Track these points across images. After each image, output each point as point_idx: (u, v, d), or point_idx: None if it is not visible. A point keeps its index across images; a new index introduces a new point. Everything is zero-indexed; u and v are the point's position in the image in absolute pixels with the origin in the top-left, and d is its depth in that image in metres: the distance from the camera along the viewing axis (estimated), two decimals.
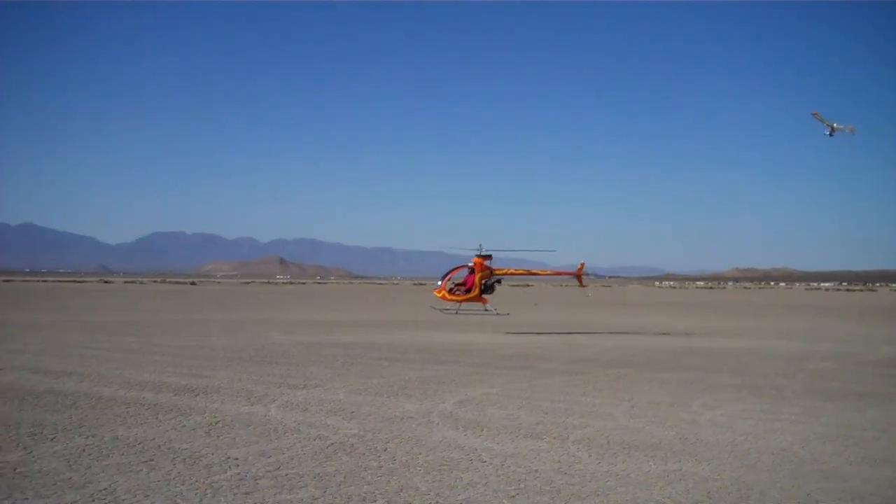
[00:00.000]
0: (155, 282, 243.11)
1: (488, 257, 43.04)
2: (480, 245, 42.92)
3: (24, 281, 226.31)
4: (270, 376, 22.79)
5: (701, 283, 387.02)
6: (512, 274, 47.25)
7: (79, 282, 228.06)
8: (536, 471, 12.30)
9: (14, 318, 51.67)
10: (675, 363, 28.37)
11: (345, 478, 11.67)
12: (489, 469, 12.35)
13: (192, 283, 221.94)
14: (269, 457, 12.85)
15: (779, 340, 40.69)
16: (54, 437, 14.06)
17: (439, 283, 43.99)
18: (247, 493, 10.82)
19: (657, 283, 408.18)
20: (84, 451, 13.08)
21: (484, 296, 42.92)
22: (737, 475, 12.31)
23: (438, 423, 15.97)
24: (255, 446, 13.60)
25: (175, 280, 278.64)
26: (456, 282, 43.15)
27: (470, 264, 42.85)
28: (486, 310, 43.81)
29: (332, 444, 13.90)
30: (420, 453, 13.29)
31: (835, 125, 56.44)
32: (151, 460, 12.51)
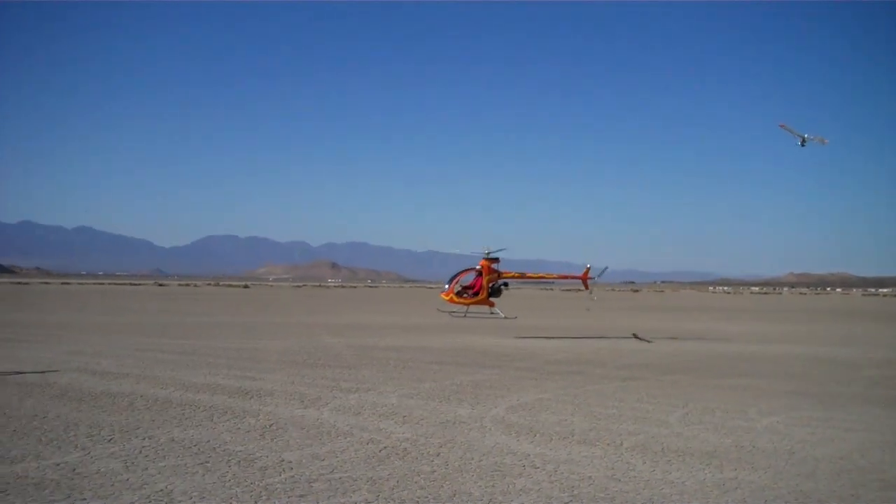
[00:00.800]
0: (208, 285, 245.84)
1: (496, 260, 42.91)
2: (489, 248, 42.88)
3: (80, 284, 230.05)
4: (323, 379, 22.91)
5: (756, 288, 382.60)
6: (519, 277, 46.87)
7: (134, 285, 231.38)
8: (590, 477, 12.21)
9: (71, 320, 52.56)
10: (731, 369, 28.04)
11: (398, 482, 11.68)
12: (542, 475, 12.28)
13: (245, 287, 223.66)
14: (323, 460, 12.91)
15: (834, 347, 40.06)
16: (111, 439, 14.25)
17: (447, 286, 43.81)
18: (301, 496, 10.86)
19: (711, 288, 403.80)
20: (141, 452, 13.24)
21: (491, 299, 42.76)
22: (795, 484, 12.12)
23: (491, 428, 15.93)
24: (309, 449, 13.67)
25: (228, 283, 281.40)
26: (463, 285, 43.00)
27: (478, 267, 42.72)
28: (492, 313, 43.64)
29: (385, 448, 13.92)
30: (473, 458, 13.25)
31: (805, 136, 56.25)
32: (207, 462, 12.63)
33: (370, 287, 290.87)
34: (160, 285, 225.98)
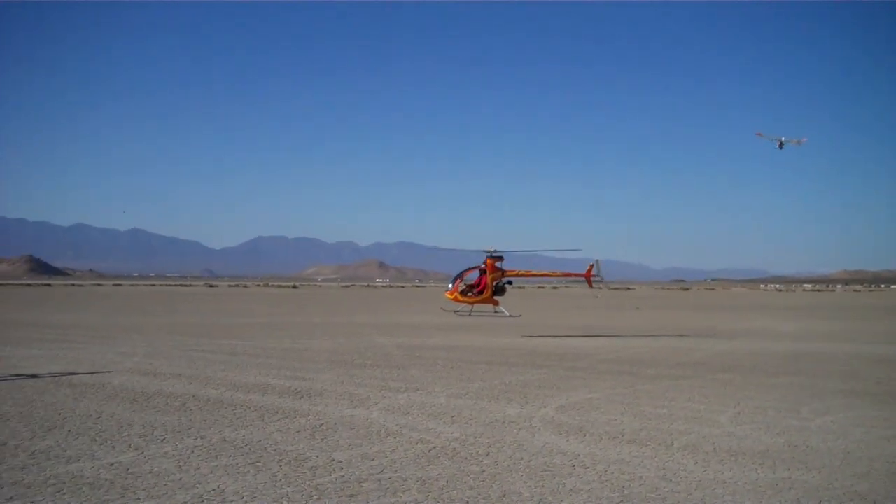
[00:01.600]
0: (258, 285, 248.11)
1: (500, 258, 42.78)
2: (493, 247, 42.79)
3: (132, 285, 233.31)
4: (372, 379, 23.00)
5: (808, 286, 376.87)
6: (523, 275, 47.38)
7: (185, 286, 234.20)
8: (641, 477, 12.11)
9: (124, 321, 53.32)
10: (783, 368, 27.67)
11: (447, 482, 11.67)
12: (592, 475, 12.21)
13: (294, 287, 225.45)
14: (373, 460, 12.95)
15: (891, 345, 39.40)
16: (164, 439, 14.42)
17: (450, 285, 43.75)
18: (351, 496, 10.91)
19: (762, 285, 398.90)
20: (193, 452, 13.38)
21: (495, 297, 42.64)
22: (849, 484, 11.92)
23: (540, 428, 15.87)
24: (359, 449, 13.72)
25: (277, 284, 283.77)
26: (468, 283, 42.91)
27: (482, 265, 42.58)
28: (496, 311, 43.56)
29: (434, 447, 13.93)
30: (522, 458, 13.21)
31: (783, 139, 57.65)
32: (258, 462, 12.73)
33: (418, 287, 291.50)
34: (211, 286, 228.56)
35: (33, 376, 22.65)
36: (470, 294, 42.28)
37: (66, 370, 24.14)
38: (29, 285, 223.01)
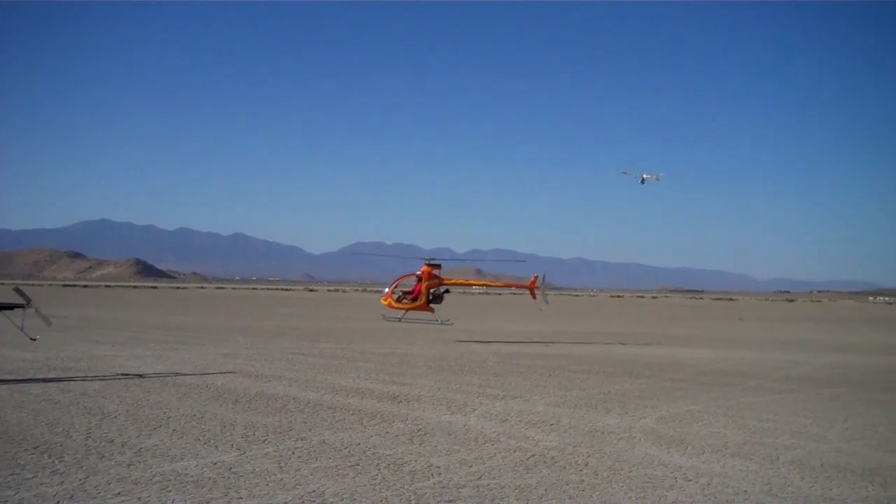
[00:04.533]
0: (356, 290, 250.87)
1: (437, 266, 42.40)
2: (431, 257, 42.94)
3: (234, 288, 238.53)
4: (470, 386, 22.98)
5: None
6: (462, 284, 47.89)
7: (285, 290, 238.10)
8: (745, 492, 11.81)
9: (226, 323, 54.47)
10: (895, 384, 26.73)
11: (546, 491, 11.56)
12: (695, 488, 11.95)
13: None
14: (471, 466, 12.91)
15: None
16: (266, 440, 14.63)
17: (386, 290, 43.59)
18: (450, 502, 10.89)
19: (871, 298, 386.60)
20: (293, 453, 13.54)
21: (431, 305, 42.12)
22: None
23: (640, 439, 15.63)
24: (457, 455, 13.70)
25: (375, 289, 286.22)
26: (404, 290, 42.49)
27: (418, 273, 42.11)
28: (438, 321, 43.10)
29: (533, 456, 13.82)
30: (622, 469, 13.02)
31: (644, 175, 61.92)
32: (357, 465, 12.81)
33: (514, 295, 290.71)
34: (310, 291, 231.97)
35: (140, 376, 23.26)
36: (405, 301, 42.11)
37: (172, 370, 24.73)
38: (136, 287, 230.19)
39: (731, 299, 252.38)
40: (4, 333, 31.17)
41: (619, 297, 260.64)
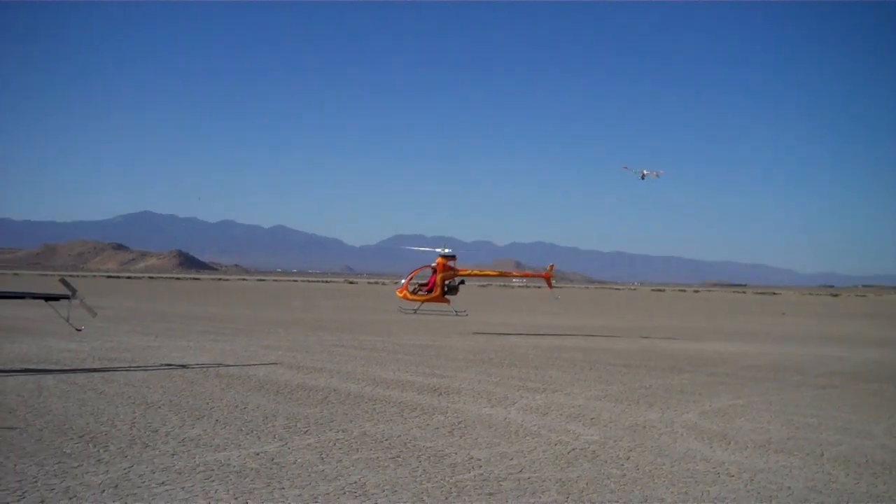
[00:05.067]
0: (395, 283, 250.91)
1: (452, 258, 42.18)
2: (445, 247, 42.56)
3: (275, 280, 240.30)
4: (510, 379, 22.94)
5: None
6: (477, 275, 47.41)
7: (325, 282, 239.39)
8: (789, 488, 11.68)
9: (268, 315, 54.87)
10: None
11: (587, 485, 11.52)
12: (738, 484, 11.85)
13: None
14: (511, 459, 12.90)
15: None
16: (307, 431, 14.71)
17: (402, 282, 43.59)
18: (490, 494, 10.88)
19: None
20: (335, 444, 13.61)
21: (447, 296, 41.94)
22: None
23: (682, 434, 15.51)
24: (497, 448, 13.69)
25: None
26: (419, 282, 42.43)
27: (433, 264, 41.92)
28: (454, 312, 42.96)
29: (574, 449, 13.78)
30: (664, 464, 12.93)
31: (644, 171, 61.36)
32: (398, 457, 12.85)
33: (554, 287, 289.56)
34: (350, 283, 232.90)
35: (183, 367, 23.48)
36: (420, 292, 42.06)
37: (214, 361, 24.95)
38: (178, 279, 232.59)
39: (774, 293, 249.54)
40: (50, 324, 31.65)
41: (660, 290, 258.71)
